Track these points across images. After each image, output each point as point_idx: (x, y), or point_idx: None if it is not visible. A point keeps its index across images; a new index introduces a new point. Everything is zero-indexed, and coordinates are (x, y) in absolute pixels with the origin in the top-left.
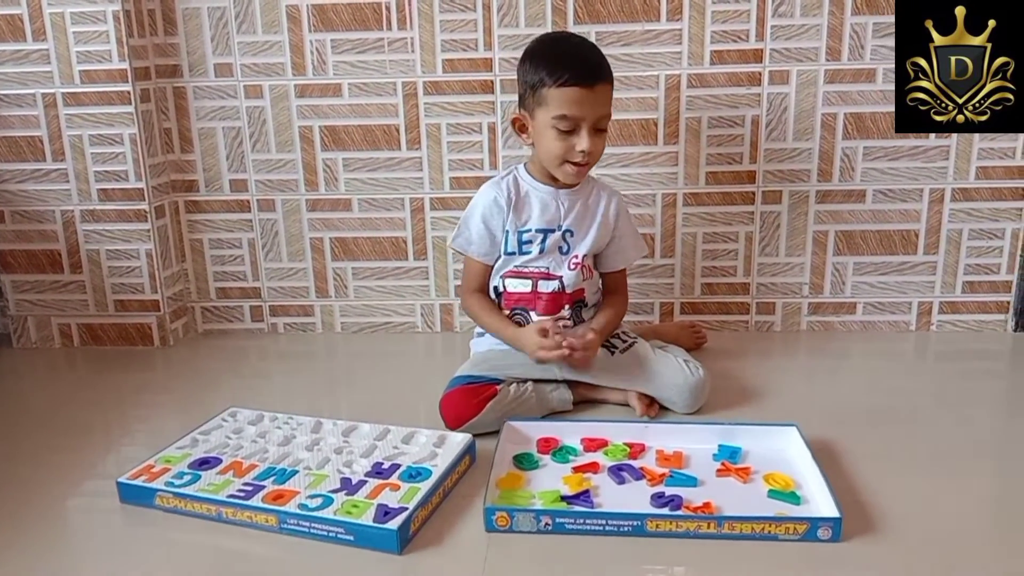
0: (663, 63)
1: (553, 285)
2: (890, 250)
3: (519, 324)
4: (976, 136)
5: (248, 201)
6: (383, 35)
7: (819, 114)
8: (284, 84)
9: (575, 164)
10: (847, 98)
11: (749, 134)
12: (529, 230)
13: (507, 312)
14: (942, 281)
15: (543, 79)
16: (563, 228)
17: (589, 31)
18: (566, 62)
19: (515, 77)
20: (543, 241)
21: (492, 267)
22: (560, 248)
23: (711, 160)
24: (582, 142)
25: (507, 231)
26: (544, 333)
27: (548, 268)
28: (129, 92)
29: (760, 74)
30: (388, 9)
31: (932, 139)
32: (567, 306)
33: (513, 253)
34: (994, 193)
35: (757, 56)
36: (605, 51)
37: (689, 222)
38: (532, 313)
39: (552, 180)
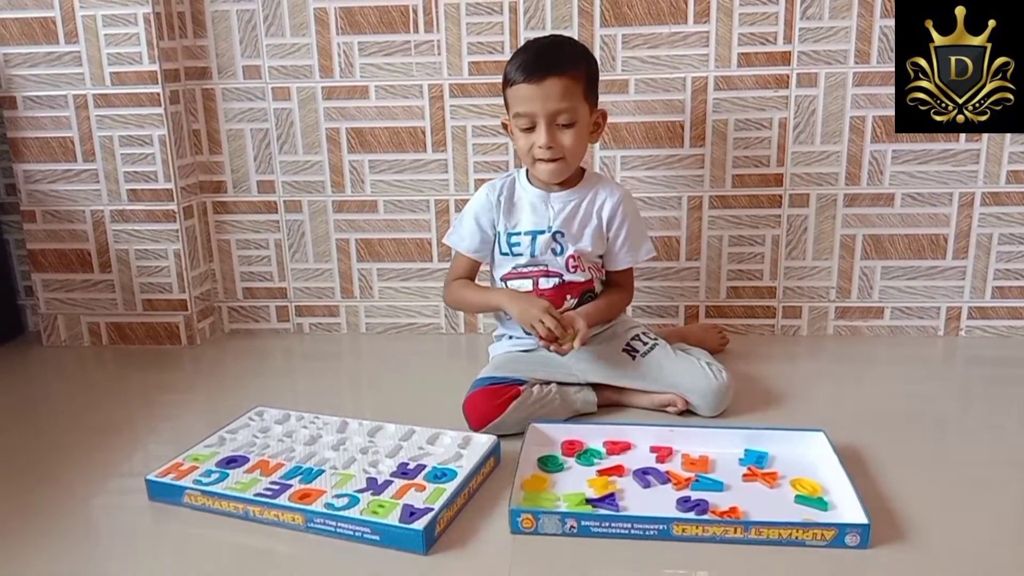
0: (690, 65)
1: (553, 281)
2: (919, 254)
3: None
4: (1008, 137)
5: (275, 202)
6: (410, 37)
7: (847, 117)
8: (312, 86)
9: (543, 161)
10: (876, 101)
11: (776, 137)
12: (518, 232)
13: None
14: (971, 286)
15: (505, 81)
16: (553, 229)
17: (616, 33)
18: (518, 61)
19: None
20: (532, 242)
21: (479, 264)
22: (553, 249)
23: (738, 163)
24: (539, 137)
25: (498, 232)
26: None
27: (547, 266)
28: (159, 94)
29: (788, 76)
30: (415, 12)
31: (962, 142)
32: (571, 297)
33: (507, 254)
34: None
35: (785, 58)
36: (631, 53)
37: (715, 225)
38: None
39: (546, 182)
